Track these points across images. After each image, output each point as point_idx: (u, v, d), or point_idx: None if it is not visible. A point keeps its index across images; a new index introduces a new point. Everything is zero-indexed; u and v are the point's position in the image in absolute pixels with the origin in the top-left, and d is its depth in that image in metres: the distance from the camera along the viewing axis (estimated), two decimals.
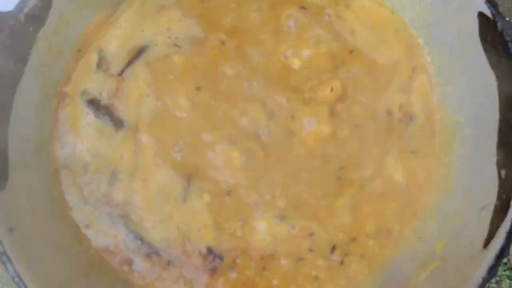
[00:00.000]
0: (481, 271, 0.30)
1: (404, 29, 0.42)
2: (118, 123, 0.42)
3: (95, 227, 0.40)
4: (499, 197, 0.32)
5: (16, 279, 0.32)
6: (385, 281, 0.37)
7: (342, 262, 0.40)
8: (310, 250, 0.40)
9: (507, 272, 0.49)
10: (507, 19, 0.42)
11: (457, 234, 0.35)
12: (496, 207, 0.32)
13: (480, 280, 0.29)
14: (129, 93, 0.42)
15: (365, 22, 0.42)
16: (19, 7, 0.37)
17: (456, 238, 0.35)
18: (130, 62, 0.43)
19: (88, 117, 0.43)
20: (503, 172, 0.33)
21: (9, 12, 0.38)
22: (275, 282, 0.39)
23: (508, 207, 0.30)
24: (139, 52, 0.44)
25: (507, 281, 0.49)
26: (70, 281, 0.36)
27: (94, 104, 0.43)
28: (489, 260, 0.30)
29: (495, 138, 0.35)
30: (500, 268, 0.49)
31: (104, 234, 0.39)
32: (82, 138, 0.42)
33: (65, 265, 0.37)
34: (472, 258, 0.31)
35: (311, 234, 0.41)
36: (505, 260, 0.49)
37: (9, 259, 0.32)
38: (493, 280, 0.49)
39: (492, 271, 0.29)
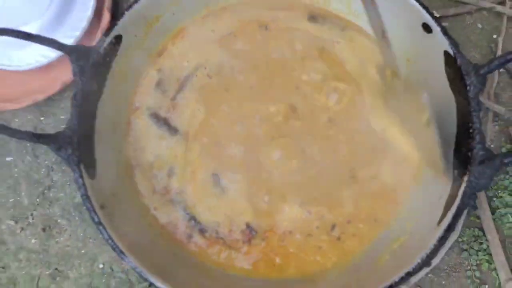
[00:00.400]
0: (433, 241, 0.41)
1: None
2: (173, 131, 0.56)
3: (161, 210, 0.52)
4: (451, 190, 0.44)
5: (109, 241, 0.44)
6: (370, 252, 0.49)
7: (339, 238, 0.52)
8: (317, 228, 0.53)
9: (486, 257, 0.61)
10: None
11: (422, 216, 0.47)
12: (449, 196, 0.43)
13: (432, 246, 0.41)
14: (182, 111, 0.55)
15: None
16: (100, 43, 0.48)
17: (421, 219, 0.47)
18: (180, 89, 0.57)
19: (151, 127, 0.56)
20: (456, 172, 0.44)
21: (93, 47, 0.48)
22: (291, 250, 0.52)
23: (456, 196, 0.42)
24: (185, 80, 0.58)
25: (486, 264, 0.60)
26: (144, 245, 0.48)
27: (155, 117, 0.57)
28: (440, 233, 0.41)
29: (452, 147, 0.46)
30: (480, 253, 0.61)
31: (167, 215, 0.52)
32: (148, 143, 0.56)
33: (139, 234, 0.49)
34: (429, 233, 0.42)
35: (322, 217, 0.54)
36: (484, 246, 0.61)
37: (103, 227, 0.43)
38: (474, 263, 0.61)
39: (441, 240, 0.41)
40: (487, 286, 0.59)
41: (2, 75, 0.69)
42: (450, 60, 0.46)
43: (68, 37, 0.66)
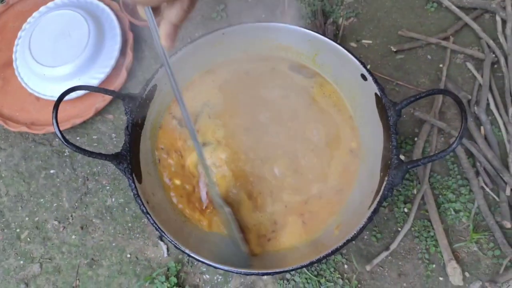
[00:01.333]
0: (364, 219, 0.56)
1: (345, 107, 0.71)
2: (204, 144, 0.72)
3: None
4: (378, 186, 0.60)
5: (155, 225, 0.59)
6: (327, 230, 0.64)
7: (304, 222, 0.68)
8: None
9: (434, 242, 0.75)
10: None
11: (359, 203, 0.62)
12: (376, 191, 0.59)
13: (363, 223, 0.56)
14: (205, 133, 0.70)
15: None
16: (142, 91, 0.65)
17: (358, 205, 0.63)
18: (196, 121, 0.72)
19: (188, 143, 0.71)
20: (380, 174, 0.60)
21: (137, 94, 0.65)
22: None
23: (380, 190, 0.58)
24: (198, 115, 0.74)
25: (433, 248, 0.75)
26: (177, 228, 0.62)
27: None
28: (369, 214, 0.57)
29: (380, 158, 0.62)
30: (429, 240, 0.75)
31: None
32: (186, 155, 0.70)
33: (172, 219, 0.64)
34: (363, 214, 0.58)
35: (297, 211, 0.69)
36: (432, 234, 0.76)
37: (150, 215, 0.59)
38: (424, 248, 0.76)
39: (370, 218, 0.56)
40: (434, 265, 0.74)
41: (48, 104, 0.85)
42: (378, 99, 0.62)
43: (99, 73, 0.83)
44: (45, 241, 0.80)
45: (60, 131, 0.56)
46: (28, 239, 0.80)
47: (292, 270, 0.55)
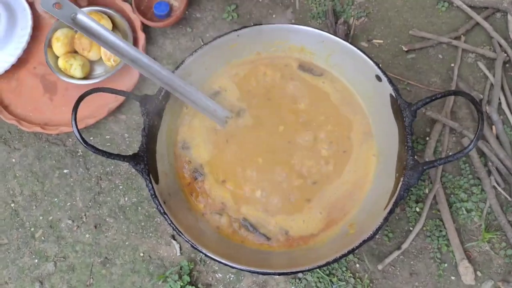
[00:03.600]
0: (380, 219, 0.57)
1: (359, 106, 0.71)
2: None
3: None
4: (393, 187, 0.60)
5: (171, 224, 0.59)
6: (343, 229, 0.65)
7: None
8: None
9: (445, 242, 0.76)
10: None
11: (374, 203, 0.63)
12: (392, 191, 0.60)
13: (379, 223, 0.56)
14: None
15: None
16: (158, 92, 0.66)
17: (373, 205, 0.63)
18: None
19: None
20: (396, 175, 0.61)
21: (154, 95, 0.66)
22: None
23: (396, 190, 0.58)
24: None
25: (445, 247, 0.76)
26: (192, 227, 0.63)
27: None
28: (385, 214, 0.57)
29: (395, 158, 0.62)
30: (440, 239, 0.76)
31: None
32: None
33: (189, 218, 0.65)
34: (379, 214, 0.58)
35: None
36: (444, 233, 0.76)
37: (167, 215, 0.59)
38: (436, 247, 0.76)
39: (386, 219, 0.57)
40: (446, 264, 0.74)
41: (61, 104, 0.86)
42: (393, 100, 0.63)
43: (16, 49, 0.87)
44: (59, 240, 0.81)
45: (80, 133, 0.57)
46: (42, 238, 0.81)
47: (308, 270, 0.55)
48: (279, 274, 0.55)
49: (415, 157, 0.58)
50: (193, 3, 0.93)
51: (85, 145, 0.56)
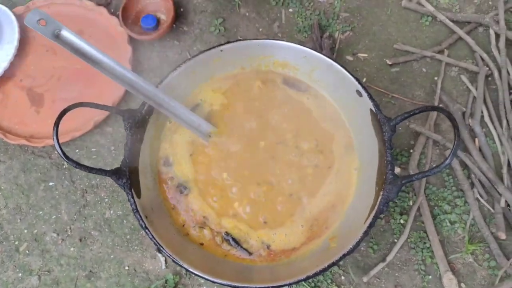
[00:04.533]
0: (360, 233, 0.57)
1: (341, 120, 0.72)
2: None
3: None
4: (373, 201, 0.60)
5: (153, 239, 0.59)
6: (324, 243, 0.65)
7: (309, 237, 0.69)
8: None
9: (430, 254, 0.76)
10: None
11: (355, 217, 0.63)
12: (371, 206, 0.60)
13: (359, 237, 0.57)
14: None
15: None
16: (141, 107, 0.66)
17: (354, 219, 0.63)
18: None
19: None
20: (376, 189, 0.61)
21: (137, 109, 0.66)
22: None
23: (375, 205, 0.59)
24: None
25: (429, 259, 0.76)
26: (175, 242, 0.63)
27: None
28: (364, 228, 0.57)
29: (376, 172, 0.63)
30: (425, 251, 0.75)
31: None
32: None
33: (171, 232, 0.65)
34: (359, 228, 0.59)
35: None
36: (428, 245, 0.76)
37: (148, 230, 0.59)
38: (420, 259, 0.76)
39: (366, 233, 0.57)
40: (430, 276, 0.75)
41: (47, 117, 0.86)
42: (373, 115, 0.64)
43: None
44: (44, 253, 0.80)
45: (61, 148, 0.57)
46: (27, 251, 0.80)
47: (289, 284, 0.55)
48: None
49: (395, 171, 0.59)
50: (180, 17, 0.94)
51: (66, 160, 0.56)
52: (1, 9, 0.93)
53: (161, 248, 0.58)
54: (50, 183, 0.84)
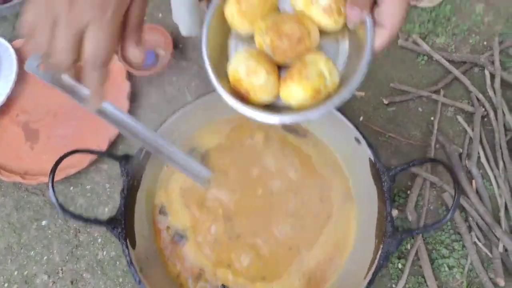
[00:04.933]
0: None
1: (339, 167, 0.72)
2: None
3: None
4: (373, 254, 0.59)
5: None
6: None
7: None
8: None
9: None
10: None
11: (354, 271, 0.62)
12: (371, 259, 0.59)
13: None
14: None
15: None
16: (138, 152, 0.65)
17: (353, 272, 0.62)
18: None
19: None
20: (376, 241, 0.60)
21: (134, 155, 0.65)
22: None
23: (375, 259, 0.58)
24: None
25: None
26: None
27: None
28: (364, 285, 0.57)
29: (375, 223, 0.62)
30: None
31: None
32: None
33: (165, 284, 0.64)
34: (358, 284, 0.58)
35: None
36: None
37: (144, 285, 0.58)
38: None
39: None
40: None
41: (42, 153, 0.85)
42: (372, 164, 0.63)
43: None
44: None
45: (59, 202, 0.56)
46: None
47: None
48: None
49: (393, 210, 0.58)
50: (178, 52, 0.94)
51: (62, 212, 0.56)
52: (0, 42, 0.93)
53: None
54: (43, 222, 0.83)
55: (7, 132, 0.89)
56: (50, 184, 0.56)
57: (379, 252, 0.57)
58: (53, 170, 0.58)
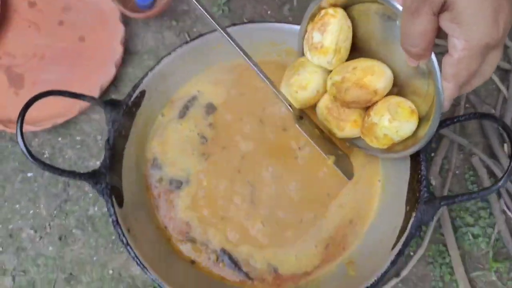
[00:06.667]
0: (387, 263, 0.49)
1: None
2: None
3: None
4: (403, 223, 0.52)
5: (135, 259, 0.51)
6: (340, 269, 0.57)
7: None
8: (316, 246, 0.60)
9: (449, 270, 0.68)
10: None
11: (380, 240, 0.55)
12: (401, 228, 0.52)
13: (385, 268, 0.49)
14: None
15: None
16: (127, 98, 0.57)
17: (379, 242, 0.55)
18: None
19: None
20: (407, 208, 0.53)
21: (122, 100, 0.58)
22: None
23: (406, 228, 0.51)
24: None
25: (448, 276, 0.68)
26: (161, 261, 0.55)
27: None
28: (392, 257, 0.50)
29: (406, 188, 0.55)
30: (443, 267, 0.68)
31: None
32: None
33: (157, 248, 0.57)
34: (384, 256, 0.51)
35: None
36: (447, 260, 0.69)
37: (131, 247, 0.51)
38: (438, 275, 0.68)
39: (393, 262, 0.49)
40: None
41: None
42: None
43: None
44: (19, 251, 0.72)
45: (26, 146, 0.49)
46: (0, 248, 0.72)
47: None
48: None
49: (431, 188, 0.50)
50: None
51: (31, 159, 0.48)
52: None
53: (145, 271, 0.50)
54: (29, 174, 0.76)
55: None
56: (18, 127, 0.48)
57: (411, 221, 0.49)
58: (22, 113, 0.50)
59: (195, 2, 0.49)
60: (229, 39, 0.53)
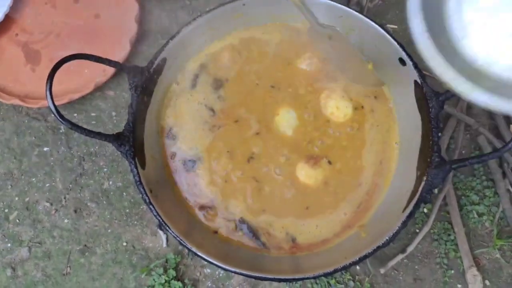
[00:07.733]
0: (398, 223, 0.51)
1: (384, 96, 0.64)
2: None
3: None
4: (414, 186, 0.54)
5: (157, 217, 0.53)
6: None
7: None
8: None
9: (453, 247, 0.70)
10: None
11: (391, 203, 0.57)
12: (412, 192, 0.54)
13: (397, 228, 0.51)
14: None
15: None
16: (150, 64, 0.59)
17: (392, 205, 0.57)
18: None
19: None
20: (418, 173, 0.54)
21: (145, 67, 0.59)
22: None
23: (417, 191, 0.52)
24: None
25: (453, 252, 0.70)
26: (182, 221, 0.57)
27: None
28: (403, 218, 0.51)
29: (417, 153, 0.56)
30: (448, 243, 0.70)
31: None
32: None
33: (177, 210, 0.59)
34: (395, 217, 0.53)
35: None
36: (452, 237, 0.71)
37: (153, 206, 0.53)
38: (443, 252, 0.71)
39: (404, 223, 0.51)
40: (453, 271, 0.69)
41: (44, 76, 0.78)
42: (418, 87, 0.56)
43: None
44: (35, 223, 0.74)
45: (54, 104, 0.50)
46: (17, 220, 0.74)
47: (313, 277, 0.49)
48: (280, 280, 0.49)
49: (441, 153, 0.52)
50: None
51: (60, 119, 0.50)
52: None
53: (167, 228, 0.52)
54: (45, 148, 0.77)
55: (6, 53, 0.82)
56: (47, 88, 0.50)
57: (422, 184, 0.51)
58: (52, 73, 0.51)
59: None
60: None
